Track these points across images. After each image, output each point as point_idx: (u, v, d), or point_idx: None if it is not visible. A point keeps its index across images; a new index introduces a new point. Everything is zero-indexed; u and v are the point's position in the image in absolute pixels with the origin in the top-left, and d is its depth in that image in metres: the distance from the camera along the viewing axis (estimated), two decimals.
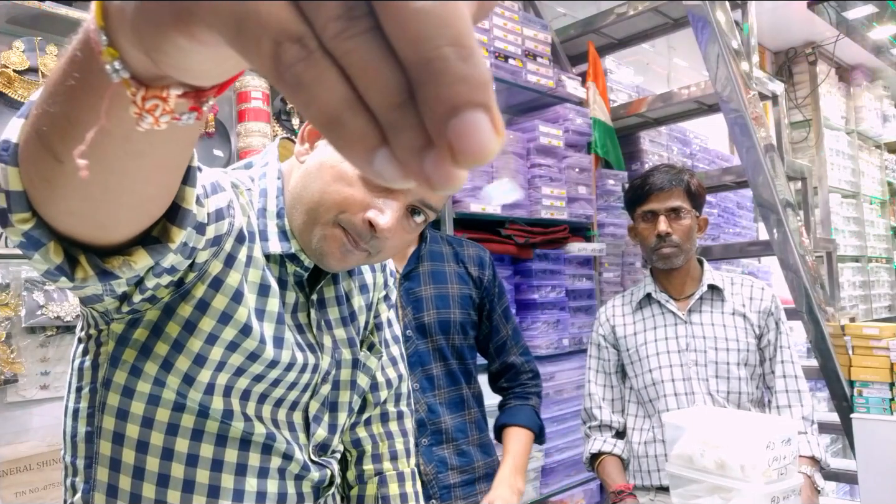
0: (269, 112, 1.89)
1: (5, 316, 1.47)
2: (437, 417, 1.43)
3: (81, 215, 0.47)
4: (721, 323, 1.75)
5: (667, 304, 1.79)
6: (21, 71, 1.49)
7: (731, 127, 2.30)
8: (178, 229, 0.53)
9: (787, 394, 1.71)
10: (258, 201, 0.80)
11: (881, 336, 1.85)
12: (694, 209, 1.77)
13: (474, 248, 1.62)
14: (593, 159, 2.64)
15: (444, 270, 1.54)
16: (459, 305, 1.52)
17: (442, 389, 1.47)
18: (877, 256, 5.15)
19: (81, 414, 0.74)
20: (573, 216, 2.48)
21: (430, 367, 1.46)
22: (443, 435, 1.44)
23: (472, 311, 1.55)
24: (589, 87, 2.66)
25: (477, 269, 1.58)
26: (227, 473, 0.74)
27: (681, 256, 1.75)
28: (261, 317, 0.76)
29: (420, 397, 1.43)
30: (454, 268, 1.55)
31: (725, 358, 1.71)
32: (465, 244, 1.62)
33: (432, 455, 1.42)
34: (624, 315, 1.85)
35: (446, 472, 1.42)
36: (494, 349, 1.60)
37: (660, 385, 1.73)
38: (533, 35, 2.46)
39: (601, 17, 2.80)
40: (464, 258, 1.57)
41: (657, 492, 1.71)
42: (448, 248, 1.58)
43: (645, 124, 3.11)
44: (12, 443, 1.46)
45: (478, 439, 1.50)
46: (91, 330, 0.73)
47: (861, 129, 5.19)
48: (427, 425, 1.42)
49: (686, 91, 2.76)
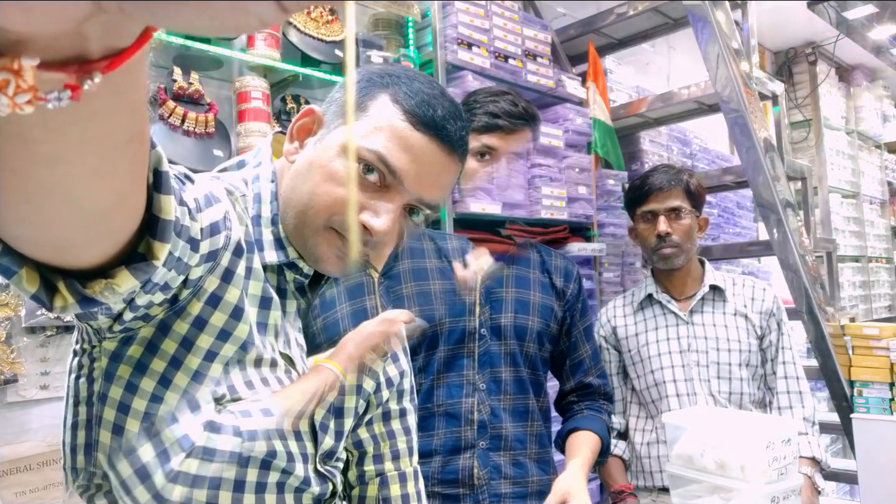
0: (269, 112, 1.89)
1: (5, 316, 1.47)
2: (498, 422, 1.39)
3: (28, 239, 0.41)
4: (723, 323, 1.75)
5: (668, 305, 1.79)
6: None
7: (731, 127, 2.30)
8: (160, 244, 0.48)
9: (789, 395, 1.71)
10: (252, 207, 0.78)
11: (881, 336, 1.85)
12: (694, 209, 1.77)
13: (562, 260, 1.57)
14: (593, 159, 2.64)
15: (529, 277, 1.49)
16: (539, 314, 1.46)
17: (508, 395, 1.41)
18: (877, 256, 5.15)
19: (79, 428, 0.74)
20: (573, 216, 2.48)
21: (500, 370, 1.41)
22: (501, 441, 1.39)
23: (552, 322, 1.49)
24: (589, 87, 2.66)
25: (562, 281, 1.52)
26: (224, 491, 0.74)
27: (681, 256, 1.75)
28: (262, 330, 0.75)
29: (485, 398, 1.38)
30: (539, 276, 1.50)
31: (727, 359, 1.71)
32: (553, 254, 1.57)
33: (488, 460, 1.37)
34: (625, 316, 1.85)
35: (499, 480, 1.36)
36: (570, 366, 1.53)
37: (661, 386, 1.72)
38: (533, 35, 2.46)
39: (601, 17, 2.80)
40: (550, 268, 1.52)
41: (659, 492, 1.71)
42: (536, 256, 1.53)
43: (645, 124, 3.11)
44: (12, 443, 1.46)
45: (537, 453, 1.43)
46: (85, 344, 0.72)
47: (861, 129, 5.19)
48: (487, 428, 1.38)
49: (686, 91, 2.76)
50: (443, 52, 2.17)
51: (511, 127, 1.41)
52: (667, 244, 1.74)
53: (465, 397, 1.37)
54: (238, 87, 1.87)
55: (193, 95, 1.78)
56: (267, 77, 1.92)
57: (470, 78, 2.18)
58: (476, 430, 1.37)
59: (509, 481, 1.37)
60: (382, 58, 2.12)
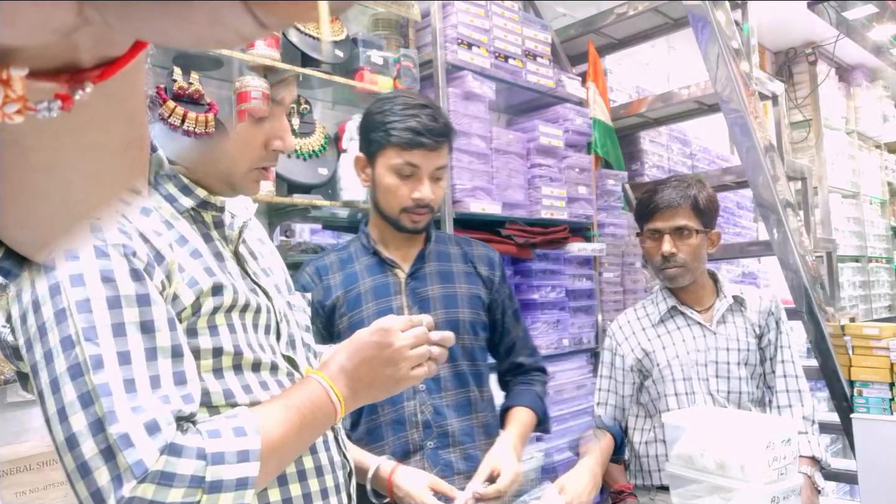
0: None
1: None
2: (443, 420, 1.40)
3: (28, 243, 0.41)
4: (745, 333, 1.74)
5: (692, 316, 1.75)
6: None
7: (731, 127, 2.30)
8: None
9: (788, 393, 1.71)
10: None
11: (881, 336, 1.85)
12: (703, 226, 1.71)
13: (483, 248, 1.59)
14: (593, 159, 2.64)
15: (452, 270, 1.50)
16: (468, 305, 1.48)
17: (449, 391, 1.42)
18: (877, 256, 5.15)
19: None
20: (573, 216, 2.49)
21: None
22: (449, 438, 1.40)
23: (482, 311, 1.51)
24: (589, 87, 2.66)
25: (487, 269, 1.54)
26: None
27: (686, 276, 1.71)
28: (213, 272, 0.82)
29: (426, 399, 1.39)
30: (462, 267, 1.52)
31: (726, 357, 1.70)
32: (473, 244, 1.59)
33: (438, 459, 1.38)
34: (644, 329, 1.79)
35: (452, 477, 1.37)
36: (504, 350, 1.57)
37: (660, 384, 1.72)
38: (533, 35, 2.46)
39: (601, 17, 2.80)
40: (472, 258, 1.54)
41: (658, 491, 1.70)
42: (456, 248, 1.54)
43: (645, 124, 3.11)
44: (12, 443, 1.46)
45: (486, 444, 1.44)
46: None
47: (861, 129, 5.18)
48: (433, 428, 1.38)
49: (686, 91, 2.75)
50: (443, 52, 2.17)
51: (434, 144, 1.37)
52: (671, 264, 1.69)
53: (406, 401, 1.38)
54: (238, 87, 1.87)
55: (193, 95, 1.78)
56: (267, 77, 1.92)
57: (470, 78, 2.18)
58: (422, 431, 1.38)
59: (462, 476, 1.38)
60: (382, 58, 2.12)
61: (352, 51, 2.09)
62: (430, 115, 1.37)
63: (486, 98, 2.23)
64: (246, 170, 0.93)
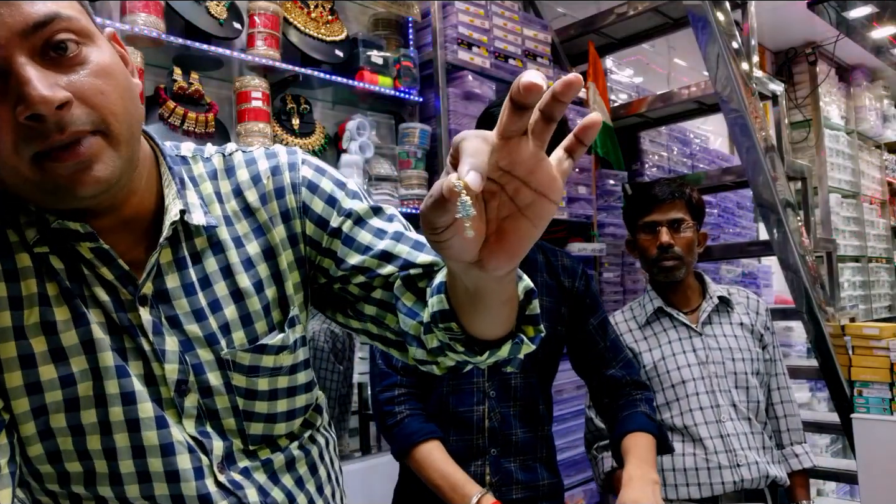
0: (269, 112, 1.89)
1: None
2: (509, 429, 1.39)
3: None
4: (732, 333, 1.76)
5: (678, 317, 1.76)
6: None
7: (731, 127, 2.30)
8: None
9: (783, 404, 1.77)
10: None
11: (881, 336, 1.85)
12: (695, 222, 1.76)
13: (568, 259, 1.54)
14: (593, 159, 2.64)
15: (535, 280, 1.45)
16: (546, 318, 1.43)
17: (518, 401, 1.41)
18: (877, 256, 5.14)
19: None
20: (573, 216, 2.49)
21: (509, 376, 1.40)
22: (512, 447, 1.39)
23: (559, 325, 1.47)
24: (589, 87, 2.66)
25: (569, 281, 1.50)
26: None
27: (682, 269, 1.73)
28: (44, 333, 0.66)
29: (495, 406, 1.38)
30: (545, 279, 1.47)
31: (743, 368, 1.72)
32: (559, 254, 1.53)
33: (499, 466, 1.37)
34: (631, 331, 1.81)
35: (510, 486, 1.37)
36: (590, 363, 1.51)
37: (684, 400, 1.70)
38: (533, 35, 2.46)
39: (601, 17, 2.80)
40: (557, 269, 1.49)
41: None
42: (542, 258, 1.50)
43: (645, 124, 3.11)
44: None
45: (546, 457, 1.44)
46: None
47: (861, 129, 5.18)
48: (499, 435, 1.38)
49: (686, 91, 2.76)
50: (443, 52, 2.17)
51: None
52: (669, 256, 1.71)
53: (476, 405, 1.38)
54: (238, 87, 1.87)
55: (193, 95, 1.78)
56: (267, 77, 1.92)
57: (470, 78, 2.18)
58: (487, 437, 1.37)
59: (521, 486, 1.38)
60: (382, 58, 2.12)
61: (352, 51, 2.09)
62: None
63: (486, 98, 2.23)
64: (18, 165, 0.59)
